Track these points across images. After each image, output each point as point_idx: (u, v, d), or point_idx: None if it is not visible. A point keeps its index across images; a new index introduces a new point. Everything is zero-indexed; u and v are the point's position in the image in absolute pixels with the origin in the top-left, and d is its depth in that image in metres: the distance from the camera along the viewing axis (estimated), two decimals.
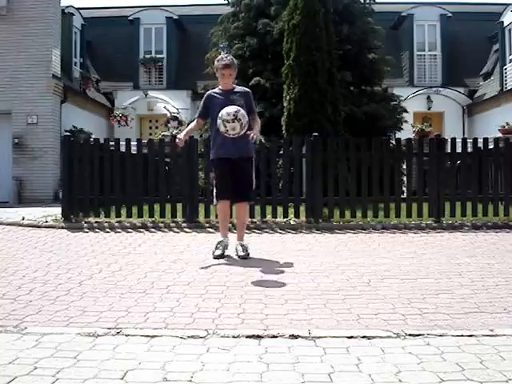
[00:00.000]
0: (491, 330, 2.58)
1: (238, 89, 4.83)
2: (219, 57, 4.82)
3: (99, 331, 2.58)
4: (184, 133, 4.97)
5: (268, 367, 2.13)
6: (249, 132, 4.53)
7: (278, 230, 6.65)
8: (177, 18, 18.66)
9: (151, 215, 7.13)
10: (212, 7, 17.65)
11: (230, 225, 5.34)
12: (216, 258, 4.65)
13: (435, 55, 18.48)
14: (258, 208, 7.05)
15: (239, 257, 4.67)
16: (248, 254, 4.69)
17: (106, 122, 17.42)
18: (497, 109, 16.03)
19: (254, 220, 6.99)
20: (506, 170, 7.27)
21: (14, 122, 12.81)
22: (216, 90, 4.88)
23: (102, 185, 7.22)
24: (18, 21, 12.84)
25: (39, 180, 12.65)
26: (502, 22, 16.62)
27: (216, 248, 4.76)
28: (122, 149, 7.41)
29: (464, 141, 7.39)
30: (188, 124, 15.75)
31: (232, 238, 4.96)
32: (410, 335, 2.51)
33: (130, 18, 18.49)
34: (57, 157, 12.51)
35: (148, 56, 18.48)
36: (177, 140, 4.93)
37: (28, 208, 9.67)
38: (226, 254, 4.74)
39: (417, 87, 17.67)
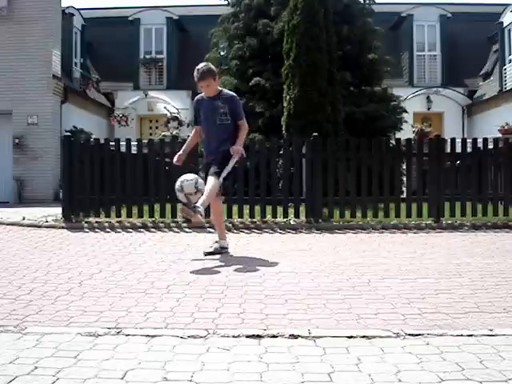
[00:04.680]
0: (491, 330, 2.58)
1: (223, 93, 4.79)
2: (196, 67, 4.73)
3: (99, 331, 2.58)
4: (182, 150, 5.03)
5: (268, 367, 2.13)
6: (232, 148, 4.60)
7: (278, 230, 6.66)
8: (177, 18, 18.69)
9: (151, 215, 7.14)
10: (212, 7, 17.63)
11: (229, 224, 5.32)
12: (205, 254, 4.77)
13: (435, 55, 18.50)
14: (257, 208, 7.06)
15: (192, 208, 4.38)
16: (200, 208, 4.35)
17: (106, 122, 17.44)
18: (496, 109, 16.05)
19: (254, 220, 7.00)
20: (505, 170, 7.28)
21: (15, 122, 12.83)
22: (203, 94, 4.87)
23: (102, 185, 7.23)
24: (18, 21, 12.86)
25: (39, 180, 12.67)
26: (502, 22, 16.64)
27: (210, 246, 4.92)
28: (123, 149, 7.42)
29: (464, 141, 7.40)
30: (188, 125, 15.81)
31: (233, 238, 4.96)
32: (409, 335, 2.51)
33: (130, 18, 18.52)
34: (57, 157, 12.52)
35: (148, 56, 18.52)
36: (174, 159, 4.99)
37: (28, 208, 9.68)
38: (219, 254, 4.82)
39: (416, 87, 17.69)
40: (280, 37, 10.53)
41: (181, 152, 5.00)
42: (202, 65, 4.75)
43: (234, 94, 4.94)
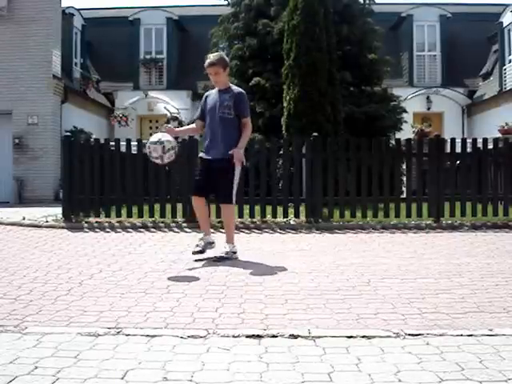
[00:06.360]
0: (491, 330, 2.59)
1: (233, 89, 4.76)
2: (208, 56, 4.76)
3: (99, 331, 2.58)
4: (182, 128, 4.98)
5: (268, 367, 2.14)
6: (231, 152, 4.53)
7: (278, 230, 6.66)
8: (177, 18, 18.67)
9: (151, 215, 7.14)
10: (212, 7, 17.63)
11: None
12: (194, 253, 4.62)
13: (435, 55, 18.48)
14: (258, 208, 7.06)
15: (219, 258, 4.57)
16: (230, 257, 4.57)
17: (106, 123, 17.43)
18: (496, 109, 16.03)
19: (254, 220, 7.00)
20: (505, 170, 7.28)
21: (15, 122, 12.81)
22: (213, 90, 4.88)
23: (102, 185, 7.23)
24: (18, 21, 12.84)
25: (39, 180, 12.65)
26: (502, 22, 16.62)
27: (196, 245, 4.71)
28: (123, 149, 7.42)
29: (463, 141, 7.40)
30: (188, 125, 15.82)
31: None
32: (409, 335, 2.52)
33: (130, 18, 18.49)
34: (57, 157, 12.50)
35: (148, 56, 18.50)
36: (167, 126, 4.83)
37: (28, 208, 9.68)
38: (208, 252, 4.65)
39: (416, 87, 17.67)
40: (280, 37, 10.54)
41: (177, 129, 4.99)
42: (214, 54, 4.83)
43: (243, 91, 4.86)
